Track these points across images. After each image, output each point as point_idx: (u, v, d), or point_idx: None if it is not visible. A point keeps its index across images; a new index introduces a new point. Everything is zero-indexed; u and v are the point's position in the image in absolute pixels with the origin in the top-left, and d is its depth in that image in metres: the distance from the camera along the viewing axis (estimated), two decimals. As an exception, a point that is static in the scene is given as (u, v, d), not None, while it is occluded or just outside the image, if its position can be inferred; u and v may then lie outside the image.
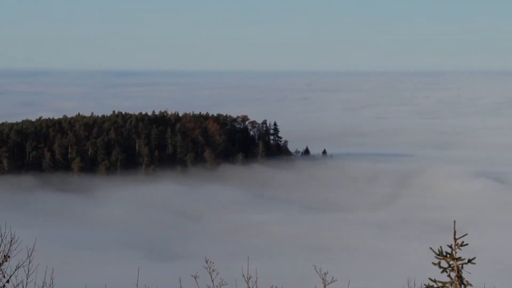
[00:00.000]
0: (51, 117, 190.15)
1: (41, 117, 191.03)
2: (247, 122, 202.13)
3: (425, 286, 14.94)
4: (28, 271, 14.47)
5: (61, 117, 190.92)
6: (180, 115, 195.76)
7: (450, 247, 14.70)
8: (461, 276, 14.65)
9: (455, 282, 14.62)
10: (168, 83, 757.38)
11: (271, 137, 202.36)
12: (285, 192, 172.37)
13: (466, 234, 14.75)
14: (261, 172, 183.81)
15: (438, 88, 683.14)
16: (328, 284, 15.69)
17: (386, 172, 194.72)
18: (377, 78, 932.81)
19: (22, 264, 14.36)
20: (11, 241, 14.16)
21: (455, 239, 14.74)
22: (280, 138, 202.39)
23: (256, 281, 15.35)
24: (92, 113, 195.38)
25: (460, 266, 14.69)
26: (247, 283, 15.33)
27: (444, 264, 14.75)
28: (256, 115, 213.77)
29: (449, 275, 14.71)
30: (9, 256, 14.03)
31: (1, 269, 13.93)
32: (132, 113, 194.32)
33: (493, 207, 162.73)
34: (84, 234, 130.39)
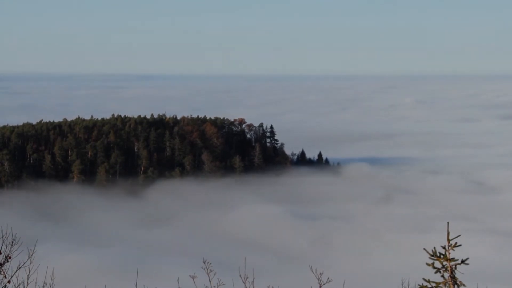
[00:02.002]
0: (51, 120, 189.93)
1: (42, 120, 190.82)
2: (244, 125, 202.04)
3: (419, 286, 14.93)
4: (29, 272, 14.46)
5: (61, 120, 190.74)
6: (178, 118, 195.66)
7: (444, 248, 14.71)
8: (454, 276, 14.65)
9: (448, 282, 14.61)
10: (164, 87, 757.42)
11: (268, 140, 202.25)
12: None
13: (460, 235, 14.75)
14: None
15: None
16: (324, 284, 15.67)
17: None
18: (374, 81, 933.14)
19: (23, 265, 14.34)
20: (12, 242, 14.14)
21: (449, 240, 14.74)
22: (277, 141, 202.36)
23: (253, 281, 15.32)
24: (92, 116, 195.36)
25: (454, 266, 14.69)
26: (244, 283, 15.30)
27: (437, 264, 14.75)
28: (253, 118, 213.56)
29: (442, 276, 14.71)
30: (10, 257, 14.02)
31: (3, 270, 13.91)
32: (131, 116, 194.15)
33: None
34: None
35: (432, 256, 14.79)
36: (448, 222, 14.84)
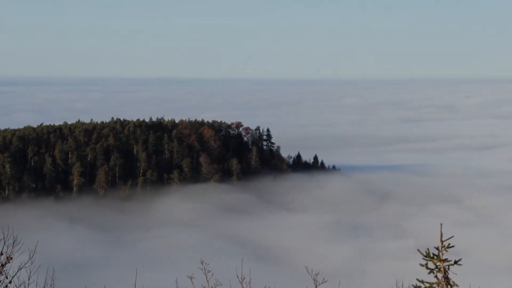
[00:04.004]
0: (51, 124, 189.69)
1: (42, 123, 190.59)
2: (241, 129, 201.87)
3: (413, 287, 14.92)
4: (30, 272, 14.42)
5: (61, 123, 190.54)
6: (177, 121, 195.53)
7: (437, 249, 14.70)
8: (447, 277, 14.64)
9: (442, 282, 14.60)
10: (164, 90, 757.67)
11: (264, 143, 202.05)
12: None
13: (452, 237, 14.74)
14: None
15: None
16: (319, 284, 15.65)
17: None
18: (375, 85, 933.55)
19: (24, 265, 14.30)
20: (14, 243, 14.10)
21: (442, 241, 14.73)
22: (273, 143, 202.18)
23: (250, 282, 15.29)
24: (92, 119, 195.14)
25: (447, 267, 14.68)
26: (241, 283, 15.27)
27: (431, 265, 14.74)
28: (249, 121, 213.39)
29: (436, 276, 14.70)
30: (11, 258, 13.98)
31: (4, 270, 13.87)
32: (130, 119, 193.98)
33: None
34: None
35: (426, 257, 14.78)
36: (441, 224, 14.83)
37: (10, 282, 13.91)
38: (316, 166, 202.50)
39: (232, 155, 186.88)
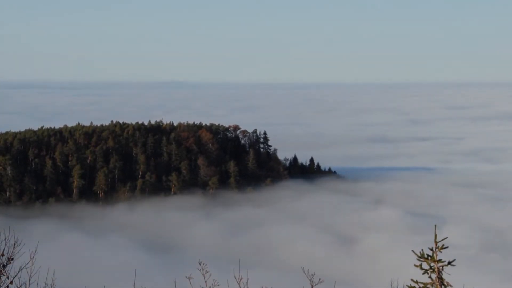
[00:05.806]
0: (52, 127, 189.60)
1: (43, 126, 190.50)
2: (238, 131, 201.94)
3: (407, 287, 14.93)
4: (31, 273, 14.40)
5: (62, 126, 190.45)
6: (175, 124, 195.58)
7: (431, 249, 14.71)
8: (441, 277, 14.65)
9: (436, 283, 14.62)
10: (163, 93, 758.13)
11: (261, 146, 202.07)
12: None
13: (446, 238, 14.76)
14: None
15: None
16: (316, 284, 15.63)
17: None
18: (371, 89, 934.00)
19: (25, 266, 14.29)
20: (14, 244, 14.09)
21: (436, 242, 14.75)
22: (270, 146, 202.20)
23: (247, 282, 15.29)
24: (92, 122, 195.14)
25: (441, 267, 14.69)
26: (239, 284, 15.26)
27: (425, 266, 14.75)
28: (246, 124, 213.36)
29: (430, 277, 14.71)
30: (12, 258, 13.97)
31: (5, 271, 13.86)
32: (129, 122, 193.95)
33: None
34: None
35: (420, 257, 14.80)
36: (435, 225, 14.84)
37: (11, 282, 13.91)
38: (312, 169, 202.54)
39: (230, 158, 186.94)
